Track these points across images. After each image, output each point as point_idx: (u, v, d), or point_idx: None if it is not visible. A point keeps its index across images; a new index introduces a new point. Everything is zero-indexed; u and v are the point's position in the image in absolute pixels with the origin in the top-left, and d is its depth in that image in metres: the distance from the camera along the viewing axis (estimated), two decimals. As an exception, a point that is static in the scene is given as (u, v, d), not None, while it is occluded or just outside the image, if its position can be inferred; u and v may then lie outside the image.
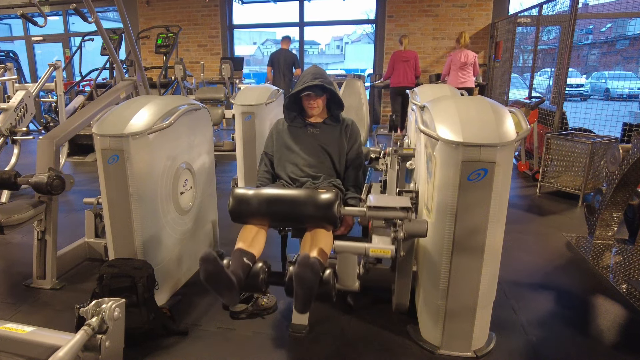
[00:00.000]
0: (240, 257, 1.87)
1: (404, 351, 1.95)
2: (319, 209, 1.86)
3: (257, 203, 1.93)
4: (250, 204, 1.94)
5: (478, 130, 1.67)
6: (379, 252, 1.74)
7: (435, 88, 3.20)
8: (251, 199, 1.94)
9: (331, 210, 1.84)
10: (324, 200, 1.86)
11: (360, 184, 2.37)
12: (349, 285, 1.86)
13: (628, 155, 2.76)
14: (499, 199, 1.69)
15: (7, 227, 2.29)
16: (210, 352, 1.96)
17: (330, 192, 1.90)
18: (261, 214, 1.95)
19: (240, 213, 1.97)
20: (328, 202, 1.86)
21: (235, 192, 1.97)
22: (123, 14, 3.33)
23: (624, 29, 6.70)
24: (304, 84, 2.23)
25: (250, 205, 1.94)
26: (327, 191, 1.92)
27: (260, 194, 1.95)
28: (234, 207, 1.96)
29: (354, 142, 2.38)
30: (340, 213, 1.87)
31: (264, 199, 1.94)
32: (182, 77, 6.44)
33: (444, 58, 7.90)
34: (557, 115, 4.49)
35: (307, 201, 1.89)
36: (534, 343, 2.02)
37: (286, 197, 1.95)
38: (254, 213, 1.95)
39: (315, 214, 1.87)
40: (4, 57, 8.67)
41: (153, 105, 2.24)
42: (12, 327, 1.64)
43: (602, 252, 2.97)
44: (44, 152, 2.45)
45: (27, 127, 3.60)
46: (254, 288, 1.88)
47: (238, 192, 1.97)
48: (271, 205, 1.94)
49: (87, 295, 2.07)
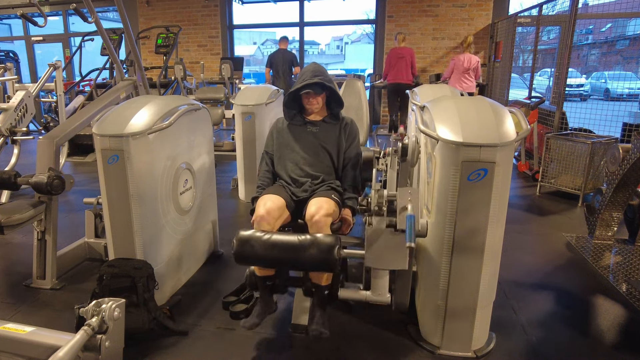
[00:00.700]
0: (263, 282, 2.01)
1: (404, 351, 1.95)
2: (320, 253, 1.80)
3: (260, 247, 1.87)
4: (254, 248, 1.87)
5: (478, 130, 1.67)
6: (377, 302, 1.94)
7: (435, 88, 3.21)
8: (255, 243, 1.88)
9: (332, 254, 1.79)
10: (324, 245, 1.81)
11: (357, 184, 2.37)
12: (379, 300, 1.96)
13: (628, 155, 2.76)
14: (499, 199, 1.69)
15: (7, 227, 2.29)
16: (210, 352, 1.96)
17: (330, 237, 1.85)
18: (264, 261, 1.90)
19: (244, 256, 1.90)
20: (328, 246, 1.80)
21: (240, 235, 1.90)
22: (123, 14, 3.33)
23: (624, 29, 6.70)
24: (303, 82, 2.22)
25: (254, 249, 1.87)
26: (327, 236, 1.86)
27: (264, 238, 1.88)
28: (238, 250, 1.89)
29: (352, 141, 2.38)
30: (340, 256, 1.81)
31: (268, 244, 1.87)
32: (182, 77, 6.44)
33: (444, 58, 7.90)
34: (557, 115, 4.49)
35: (308, 247, 1.82)
36: (534, 343, 2.02)
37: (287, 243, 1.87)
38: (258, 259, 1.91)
39: (317, 257, 1.81)
40: (4, 57, 8.67)
41: (153, 105, 2.24)
42: (12, 327, 1.64)
43: (602, 252, 2.97)
44: (44, 152, 2.45)
45: (27, 127, 3.60)
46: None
47: (243, 235, 1.90)
48: (274, 251, 1.86)
49: (87, 295, 2.07)
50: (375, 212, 1.90)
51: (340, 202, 2.18)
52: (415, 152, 2.12)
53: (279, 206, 2.08)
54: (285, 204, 2.13)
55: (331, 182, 2.29)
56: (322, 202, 2.03)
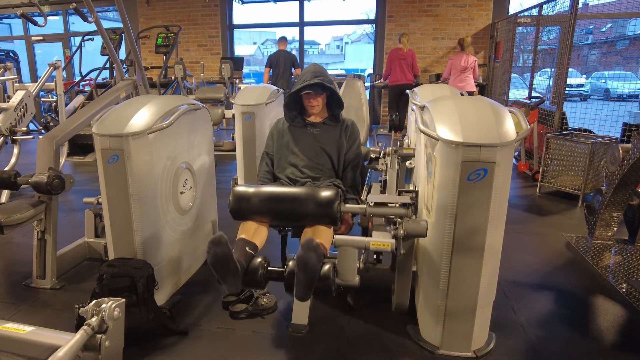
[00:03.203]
0: (243, 245, 1.87)
1: (404, 351, 1.95)
2: (319, 206, 1.86)
3: (257, 201, 1.93)
4: (251, 201, 1.94)
5: (478, 130, 1.67)
6: (379, 245, 1.76)
7: (435, 88, 3.20)
8: (252, 196, 1.94)
9: (331, 208, 1.84)
10: (324, 197, 1.87)
11: (357, 185, 2.37)
12: (349, 279, 1.87)
13: (628, 156, 2.76)
14: (499, 199, 1.69)
15: (7, 226, 2.29)
16: (210, 352, 1.96)
17: (330, 189, 1.91)
18: (262, 212, 1.95)
19: (241, 211, 1.97)
20: (328, 199, 1.86)
21: (235, 190, 1.97)
22: (123, 14, 3.33)
23: (624, 29, 6.68)
24: (303, 82, 2.22)
25: (251, 203, 1.94)
26: (328, 189, 1.92)
27: (261, 191, 1.95)
28: (235, 204, 1.96)
29: (353, 143, 2.38)
30: (341, 210, 1.87)
31: (265, 196, 1.94)
32: (182, 77, 6.44)
33: (444, 58, 7.90)
34: (557, 116, 4.49)
35: (307, 199, 1.89)
36: (534, 343, 2.02)
37: (286, 194, 1.95)
38: (255, 211, 1.95)
39: (316, 211, 1.87)
40: (4, 56, 8.67)
41: (153, 105, 2.24)
42: (12, 327, 1.64)
43: (602, 252, 2.97)
44: (44, 152, 2.45)
45: (27, 127, 3.60)
46: (252, 283, 1.86)
47: (238, 190, 1.97)
48: (271, 203, 1.94)
49: (87, 295, 2.07)
50: None
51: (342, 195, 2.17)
52: None
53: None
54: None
55: (332, 179, 2.29)
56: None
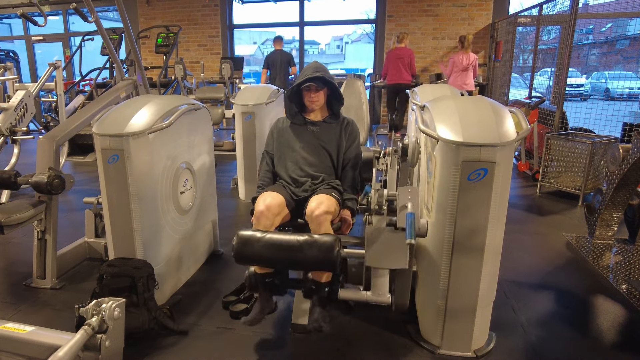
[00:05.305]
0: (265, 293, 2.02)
1: (404, 351, 1.95)
2: (320, 252, 1.81)
3: (260, 247, 1.87)
4: (254, 247, 1.87)
5: (478, 130, 1.67)
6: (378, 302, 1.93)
7: (435, 88, 3.20)
8: (255, 242, 1.88)
9: (332, 254, 1.79)
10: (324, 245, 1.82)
11: (357, 185, 2.37)
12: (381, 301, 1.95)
13: (628, 155, 2.76)
14: (499, 199, 1.69)
15: (7, 226, 2.29)
16: (210, 352, 1.96)
17: (330, 237, 1.85)
18: (264, 260, 1.91)
19: (244, 255, 1.90)
20: (328, 246, 1.81)
21: (240, 234, 1.90)
22: (123, 14, 3.33)
23: (624, 29, 6.69)
24: (304, 77, 2.23)
25: (254, 248, 1.87)
26: (328, 236, 1.86)
27: (265, 238, 1.89)
28: (239, 248, 1.89)
29: (352, 141, 2.38)
30: (340, 257, 1.82)
31: (268, 243, 1.87)
32: (182, 77, 6.44)
33: (444, 58, 7.89)
34: (557, 115, 4.49)
35: (308, 247, 1.83)
36: (534, 343, 2.02)
37: (288, 242, 1.87)
38: (257, 258, 1.91)
39: (317, 259, 1.82)
40: (4, 56, 8.67)
41: (153, 105, 2.24)
42: (12, 327, 1.64)
43: (602, 252, 2.97)
44: (44, 152, 2.45)
45: (27, 127, 3.60)
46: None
47: (243, 234, 1.90)
48: (273, 251, 1.87)
49: (87, 295, 2.07)
50: (375, 211, 1.90)
51: (340, 200, 2.18)
52: (415, 152, 2.12)
53: (279, 203, 2.09)
54: (285, 202, 2.13)
55: (331, 181, 2.29)
56: (323, 199, 2.04)
